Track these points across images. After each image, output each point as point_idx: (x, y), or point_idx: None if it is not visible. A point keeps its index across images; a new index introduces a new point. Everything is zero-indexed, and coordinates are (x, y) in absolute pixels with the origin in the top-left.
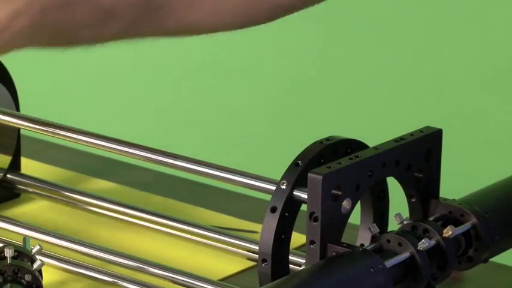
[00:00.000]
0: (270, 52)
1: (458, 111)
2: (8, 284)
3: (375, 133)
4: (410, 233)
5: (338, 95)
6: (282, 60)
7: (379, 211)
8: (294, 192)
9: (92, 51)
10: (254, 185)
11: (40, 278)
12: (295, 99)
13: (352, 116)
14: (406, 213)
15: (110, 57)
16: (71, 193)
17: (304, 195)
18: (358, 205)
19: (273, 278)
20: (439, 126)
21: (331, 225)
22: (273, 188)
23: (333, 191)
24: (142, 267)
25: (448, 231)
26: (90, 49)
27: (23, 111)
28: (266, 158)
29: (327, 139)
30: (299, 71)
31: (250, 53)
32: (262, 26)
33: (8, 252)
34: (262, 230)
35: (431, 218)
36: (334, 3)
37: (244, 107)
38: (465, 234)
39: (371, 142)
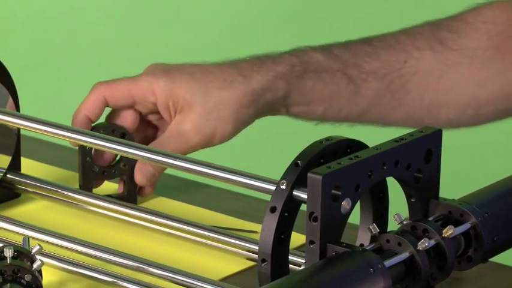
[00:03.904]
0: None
1: None
2: (8, 284)
3: (375, 133)
4: (410, 233)
5: None
6: None
7: (378, 211)
8: (294, 192)
9: (92, 52)
10: (254, 185)
11: (40, 278)
12: None
13: None
14: (405, 213)
15: (109, 57)
16: (71, 193)
17: (304, 195)
18: (358, 205)
19: (273, 278)
20: None
21: (331, 225)
22: (273, 188)
23: (333, 191)
24: (142, 267)
25: (447, 231)
26: (90, 49)
27: (23, 111)
28: (266, 158)
29: (327, 139)
30: None
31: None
32: (263, 26)
33: (8, 252)
34: (262, 230)
35: (431, 218)
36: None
37: None
38: (465, 234)
39: (371, 142)
